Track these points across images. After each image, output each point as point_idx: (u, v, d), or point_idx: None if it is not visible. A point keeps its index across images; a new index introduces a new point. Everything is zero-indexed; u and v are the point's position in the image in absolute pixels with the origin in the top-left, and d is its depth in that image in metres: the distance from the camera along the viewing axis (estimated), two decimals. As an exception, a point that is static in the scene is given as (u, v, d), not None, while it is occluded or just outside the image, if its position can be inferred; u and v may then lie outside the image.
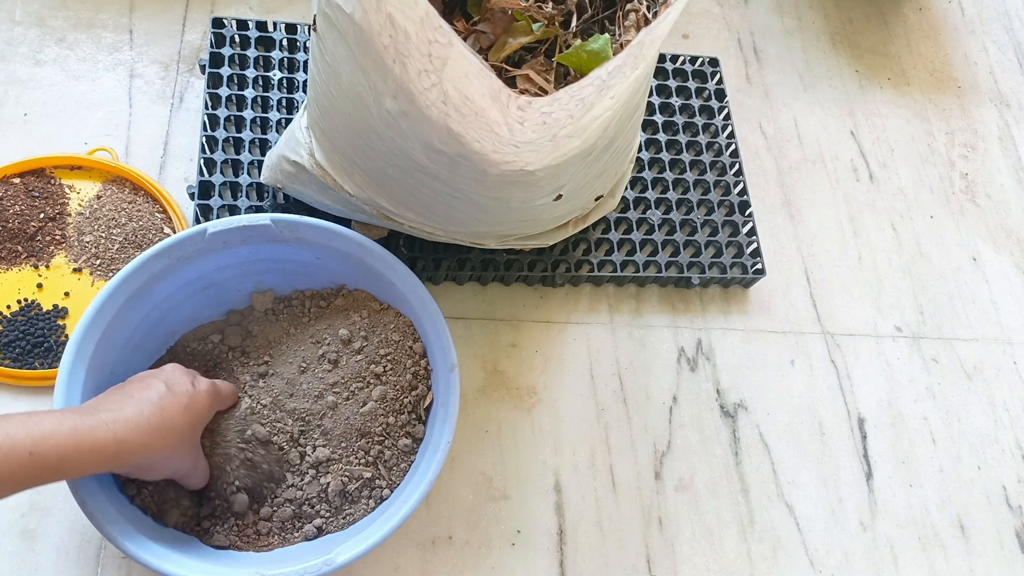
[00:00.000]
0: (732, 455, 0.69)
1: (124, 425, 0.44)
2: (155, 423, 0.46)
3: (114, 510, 0.48)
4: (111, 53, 0.74)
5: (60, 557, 0.55)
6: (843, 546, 0.68)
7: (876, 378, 0.76)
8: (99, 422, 0.43)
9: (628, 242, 0.73)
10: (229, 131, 0.70)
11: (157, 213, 0.67)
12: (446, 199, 0.54)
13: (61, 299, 0.62)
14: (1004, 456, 0.75)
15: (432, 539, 0.61)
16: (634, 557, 0.63)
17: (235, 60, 0.72)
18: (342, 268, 0.60)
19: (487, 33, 0.50)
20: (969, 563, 0.69)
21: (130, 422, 0.45)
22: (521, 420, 0.67)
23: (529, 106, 0.41)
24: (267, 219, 0.56)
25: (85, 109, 0.71)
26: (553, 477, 0.65)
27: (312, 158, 0.59)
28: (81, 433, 0.42)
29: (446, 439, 0.53)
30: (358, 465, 0.55)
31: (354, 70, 0.47)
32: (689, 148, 0.79)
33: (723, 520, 0.66)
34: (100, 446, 0.43)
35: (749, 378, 0.73)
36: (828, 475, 0.70)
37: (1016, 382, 0.79)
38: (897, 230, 0.85)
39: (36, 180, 0.66)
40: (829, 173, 0.86)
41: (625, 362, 0.71)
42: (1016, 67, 1.00)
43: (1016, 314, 0.83)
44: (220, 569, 0.49)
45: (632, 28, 0.52)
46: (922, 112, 0.94)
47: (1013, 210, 0.90)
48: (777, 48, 0.93)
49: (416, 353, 0.59)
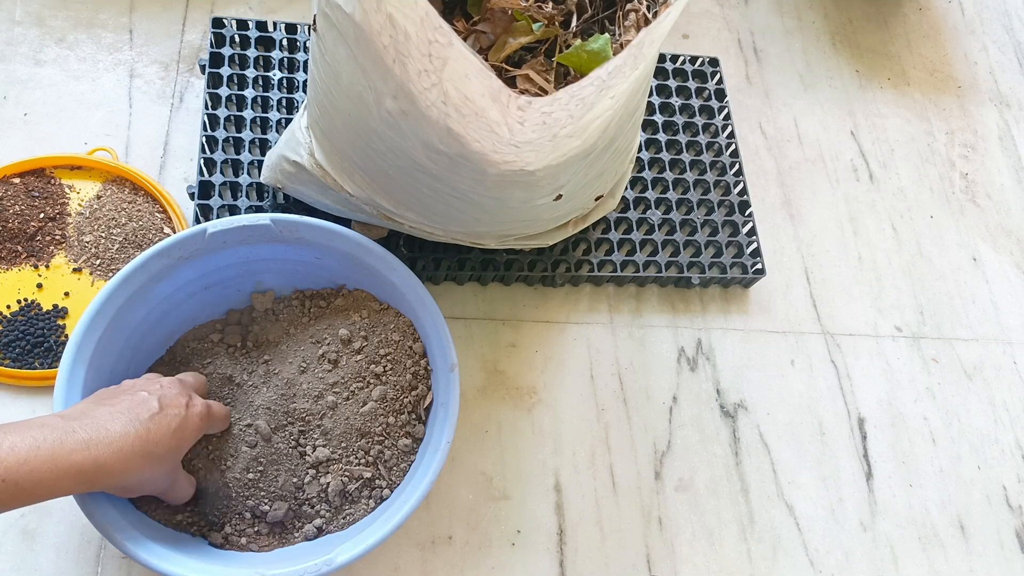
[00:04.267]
0: (732, 455, 0.69)
1: (107, 449, 0.42)
2: (139, 447, 0.44)
3: (114, 510, 0.48)
4: (111, 53, 0.74)
5: (60, 557, 0.55)
6: (843, 546, 0.68)
7: (876, 378, 0.76)
8: (79, 444, 0.42)
9: (628, 242, 0.73)
10: (229, 131, 0.70)
11: (157, 213, 0.67)
12: (446, 199, 0.54)
13: (61, 299, 0.62)
14: (1004, 456, 0.75)
15: (432, 539, 0.61)
16: (634, 557, 0.63)
17: (235, 60, 0.72)
18: (342, 268, 0.60)
19: (487, 33, 0.50)
20: (969, 563, 0.69)
21: (113, 445, 0.43)
22: (521, 420, 0.67)
23: (529, 106, 0.41)
24: (267, 219, 0.56)
25: (85, 109, 0.71)
26: (553, 477, 0.65)
27: (312, 158, 0.59)
28: (59, 458, 0.40)
29: (446, 439, 0.53)
30: (358, 465, 0.55)
31: (354, 70, 0.47)
32: (689, 148, 0.79)
33: (723, 520, 0.66)
34: (77, 471, 0.41)
35: (749, 378, 0.73)
36: (828, 475, 0.70)
37: (1016, 382, 0.79)
38: (897, 230, 0.85)
39: (36, 180, 0.66)
40: (829, 173, 0.86)
41: (625, 362, 0.71)
42: (1016, 67, 1.00)
43: (1016, 314, 0.83)
44: (220, 569, 0.49)
45: (632, 28, 0.52)
46: (922, 112, 0.94)
47: (1013, 210, 0.90)
48: (777, 48, 0.93)
49: (416, 353, 0.59)
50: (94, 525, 0.47)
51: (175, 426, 0.47)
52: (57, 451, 0.41)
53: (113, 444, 0.43)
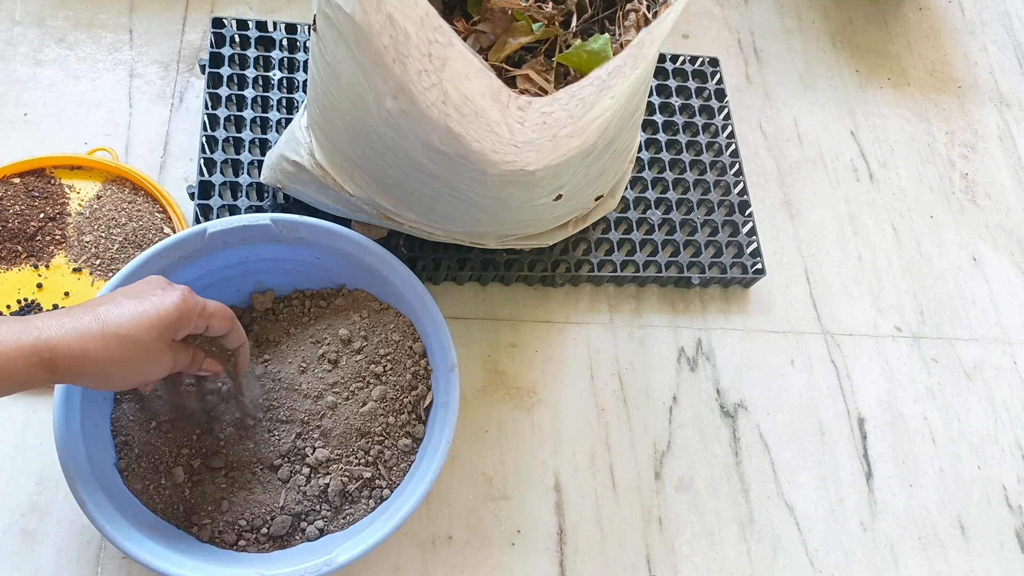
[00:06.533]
0: (732, 455, 0.69)
1: (58, 329, 0.41)
2: (96, 328, 0.42)
3: (114, 510, 0.48)
4: (111, 53, 0.74)
5: (60, 557, 0.55)
6: (843, 546, 0.68)
7: (876, 378, 0.76)
8: (29, 327, 0.40)
9: (628, 242, 0.73)
10: (229, 131, 0.70)
11: (157, 213, 0.67)
12: (446, 199, 0.54)
13: (61, 299, 0.62)
14: (1004, 456, 0.75)
15: (432, 539, 0.61)
16: (634, 557, 0.63)
17: (235, 60, 0.72)
18: (342, 268, 0.60)
19: (487, 33, 0.50)
20: (969, 563, 0.69)
21: (65, 326, 0.41)
22: (521, 420, 0.67)
23: (529, 106, 0.41)
24: (267, 219, 0.56)
25: (85, 109, 0.71)
26: (553, 477, 0.65)
27: (312, 158, 0.59)
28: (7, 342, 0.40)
29: (446, 439, 0.53)
30: (358, 465, 0.55)
31: (354, 70, 0.47)
32: (689, 148, 0.79)
33: (723, 520, 0.66)
34: (31, 350, 0.40)
35: (749, 378, 0.73)
36: (828, 475, 0.70)
37: (1016, 382, 0.79)
38: (897, 230, 0.85)
39: (36, 180, 0.66)
40: (829, 173, 0.86)
41: (625, 362, 0.71)
42: (1016, 67, 1.00)
43: (1016, 314, 0.83)
44: (220, 569, 0.49)
45: (632, 28, 0.52)
46: (922, 112, 0.94)
47: (1013, 210, 0.90)
48: (777, 48, 0.93)
49: (416, 353, 0.59)
50: (94, 525, 0.47)
51: (144, 308, 0.44)
52: (7, 337, 0.40)
53: (65, 326, 0.42)
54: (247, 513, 0.53)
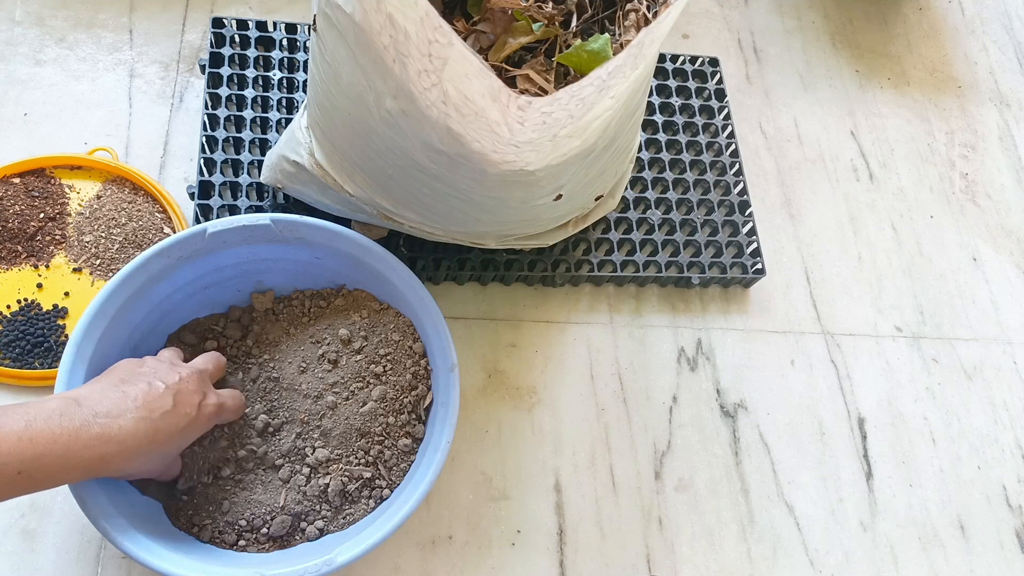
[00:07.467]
0: (732, 455, 0.69)
1: (116, 447, 0.43)
2: (144, 446, 0.45)
3: (114, 509, 0.48)
4: (111, 53, 0.74)
5: (60, 557, 0.55)
6: (843, 546, 0.68)
7: (876, 378, 0.76)
8: (93, 439, 0.43)
9: (628, 242, 0.73)
10: (229, 131, 0.70)
11: (157, 213, 0.67)
12: (446, 199, 0.54)
13: (61, 299, 0.62)
14: (1004, 456, 0.75)
15: (432, 539, 0.61)
16: (634, 557, 0.63)
17: (235, 60, 0.72)
18: (342, 268, 0.60)
19: (487, 33, 0.50)
20: (969, 563, 0.69)
21: (123, 443, 0.44)
22: (521, 420, 0.67)
23: (529, 106, 0.41)
24: (267, 219, 0.56)
25: (85, 109, 0.71)
26: (553, 477, 0.65)
27: (312, 158, 0.59)
28: (72, 454, 0.42)
29: (446, 439, 0.53)
30: (358, 465, 0.55)
31: (354, 70, 0.47)
32: (689, 148, 0.79)
33: (723, 520, 0.66)
34: (85, 467, 0.43)
35: (749, 378, 0.73)
36: (828, 475, 0.70)
37: (1016, 382, 0.79)
38: (897, 230, 0.85)
39: (36, 180, 0.66)
40: (829, 173, 0.86)
41: (625, 362, 0.71)
42: (1016, 67, 1.00)
43: (1016, 314, 0.83)
44: (220, 569, 0.49)
45: (632, 28, 0.52)
46: (922, 112, 0.94)
47: (1013, 210, 0.90)
48: (777, 48, 0.93)
49: (416, 353, 0.59)
50: (94, 525, 0.47)
51: (183, 425, 0.47)
52: (72, 446, 0.41)
53: (123, 442, 0.44)
54: (247, 513, 0.53)
